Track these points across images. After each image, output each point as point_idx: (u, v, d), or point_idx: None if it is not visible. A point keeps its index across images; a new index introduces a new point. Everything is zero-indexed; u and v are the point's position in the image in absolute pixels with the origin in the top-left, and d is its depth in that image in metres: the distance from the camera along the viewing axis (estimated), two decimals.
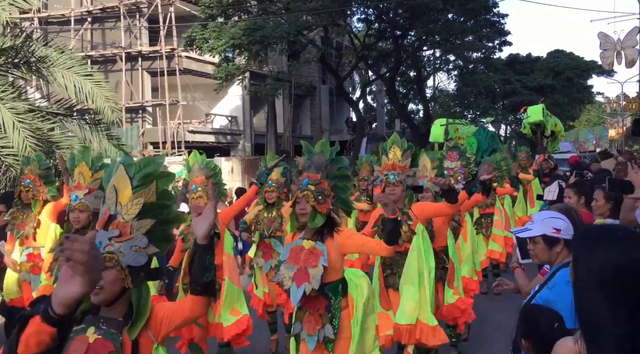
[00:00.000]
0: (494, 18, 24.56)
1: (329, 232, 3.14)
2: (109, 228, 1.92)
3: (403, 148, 4.20)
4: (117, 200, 1.95)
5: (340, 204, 3.24)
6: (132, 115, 21.22)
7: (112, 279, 1.86)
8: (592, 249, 1.52)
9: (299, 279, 3.06)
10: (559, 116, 35.80)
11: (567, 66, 35.80)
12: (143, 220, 1.93)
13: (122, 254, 1.88)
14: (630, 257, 1.47)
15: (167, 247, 2.00)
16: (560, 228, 2.45)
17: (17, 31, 8.36)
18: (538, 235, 2.49)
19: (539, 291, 2.43)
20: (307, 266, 3.05)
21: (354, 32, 23.90)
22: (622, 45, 20.12)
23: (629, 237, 1.54)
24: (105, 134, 8.63)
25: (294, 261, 3.10)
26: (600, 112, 50.00)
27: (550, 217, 2.51)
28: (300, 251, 3.10)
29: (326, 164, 3.19)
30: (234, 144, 23.79)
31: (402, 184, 4.08)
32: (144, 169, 1.98)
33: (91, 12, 21.31)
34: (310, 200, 3.05)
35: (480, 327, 6.23)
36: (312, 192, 3.06)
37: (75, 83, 7.99)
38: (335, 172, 3.23)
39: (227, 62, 19.35)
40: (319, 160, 3.20)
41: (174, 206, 2.01)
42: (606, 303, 1.43)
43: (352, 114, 28.25)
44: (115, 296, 1.88)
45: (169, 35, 20.49)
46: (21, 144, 6.82)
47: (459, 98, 33.21)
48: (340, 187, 3.22)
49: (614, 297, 1.43)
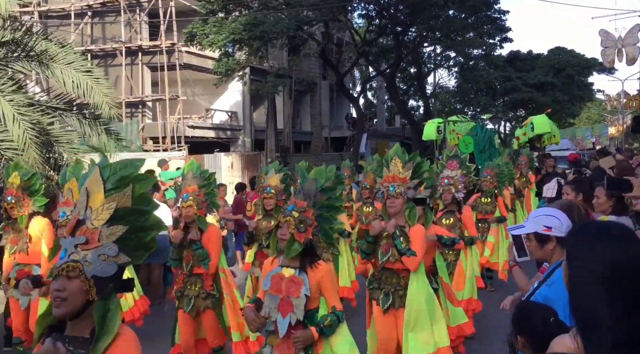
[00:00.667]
0: (495, 15, 24.51)
1: (308, 261, 3.09)
2: (76, 234, 1.77)
3: (404, 160, 4.15)
4: (88, 204, 1.80)
5: (322, 235, 3.16)
6: (132, 110, 21.20)
7: (75, 290, 1.70)
8: (589, 246, 1.51)
9: (284, 309, 3.02)
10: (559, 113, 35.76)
11: (568, 63, 35.76)
12: (114, 226, 1.77)
13: (88, 263, 1.72)
14: (627, 254, 1.47)
15: (143, 256, 1.83)
16: (551, 226, 2.46)
17: (17, 24, 8.34)
18: (530, 232, 2.52)
19: (537, 288, 2.44)
20: (289, 296, 3.02)
21: (355, 28, 23.84)
22: (623, 42, 20.07)
23: (625, 235, 1.54)
24: (104, 128, 8.62)
25: (276, 291, 3.06)
26: (600, 109, 49.93)
27: (543, 215, 2.53)
28: (281, 280, 3.06)
29: (315, 193, 3.13)
30: (233, 139, 23.78)
31: (402, 196, 4.03)
32: (119, 171, 1.84)
33: (91, 6, 21.25)
34: (291, 227, 3.01)
35: (478, 325, 6.24)
36: (294, 219, 3.02)
37: (74, 79, 7.97)
38: (324, 202, 3.16)
39: (227, 57, 19.32)
40: (309, 187, 3.15)
41: (153, 211, 1.85)
42: (604, 300, 1.43)
43: (352, 110, 28.22)
44: (78, 309, 1.72)
45: (169, 29, 20.45)
46: (21, 137, 6.80)
47: (459, 95, 33.22)
48: (325, 218, 3.14)
49: (611, 294, 1.43)
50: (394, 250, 3.97)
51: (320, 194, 3.14)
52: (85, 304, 1.72)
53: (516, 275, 3.02)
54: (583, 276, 1.49)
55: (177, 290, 4.42)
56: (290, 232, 3.01)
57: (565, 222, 2.47)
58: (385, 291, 4.04)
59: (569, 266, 1.57)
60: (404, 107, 27.84)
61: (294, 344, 2.94)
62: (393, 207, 4.03)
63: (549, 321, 2.03)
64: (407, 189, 4.04)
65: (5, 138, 6.74)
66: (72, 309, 1.71)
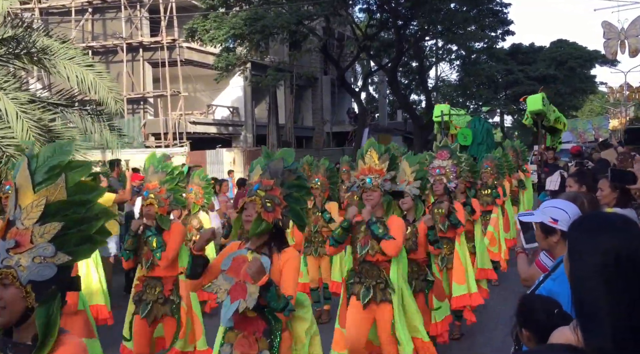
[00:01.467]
0: (497, 7, 24.43)
1: (277, 246, 2.85)
2: (7, 237, 1.58)
3: (380, 151, 3.98)
4: (17, 202, 1.60)
5: (293, 216, 2.91)
6: (134, 106, 21.20)
7: (11, 298, 1.54)
8: (592, 238, 1.50)
9: (235, 293, 2.73)
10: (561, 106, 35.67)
11: (570, 56, 35.64)
12: (48, 224, 1.57)
13: (22, 268, 1.54)
14: (631, 246, 1.46)
15: (90, 251, 1.66)
16: (557, 219, 2.45)
17: (18, 21, 8.33)
18: (536, 221, 2.52)
19: (542, 282, 2.44)
20: (246, 281, 2.71)
21: (356, 22, 23.77)
22: (626, 34, 20.00)
23: (630, 226, 1.53)
24: (107, 125, 8.62)
25: (234, 273, 2.78)
26: (603, 102, 49.78)
27: (551, 207, 2.52)
28: (243, 263, 2.78)
29: (282, 172, 2.89)
30: (235, 135, 23.78)
31: (379, 188, 3.87)
32: (47, 160, 1.62)
33: (92, 3, 21.22)
34: (257, 206, 2.77)
35: (480, 317, 6.25)
36: (260, 198, 2.78)
37: (77, 74, 7.96)
38: (293, 181, 2.92)
39: (228, 52, 19.30)
40: (276, 166, 2.92)
41: (97, 198, 1.66)
42: (605, 292, 1.43)
43: (354, 104, 28.19)
44: (19, 317, 1.57)
45: (170, 25, 20.42)
46: (25, 134, 6.80)
47: (461, 88, 33.08)
48: (295, 198, 2.91)
49: (612, 286, 1.42)
50: (373, 242, 3.82)
51: (288, 173, 2.91)
52: (26, 311, 1.56)
53: (519, 262, 3.01)
54: (584, 268, 1.49)
55: (135, 294, 4.13)
56: (257, 211, 2.76)
57: (575, 217, 2.46)
58: (367, 285, 3.87)
59: (571, 258, 1.56)
60: (406, 101, 27.78)
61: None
62: (370, 200, 3.88)
63: (553, 313, 2.03)
64: (384, 181, 3.89)
65: (6, 135, 6.74)
66: (12, 318, 1.56)
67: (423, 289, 4.43)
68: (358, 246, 3.90)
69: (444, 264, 5.42)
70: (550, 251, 2.54)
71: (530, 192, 10.40)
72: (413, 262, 4.38)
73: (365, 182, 3.89)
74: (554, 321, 1.95)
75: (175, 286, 4.08)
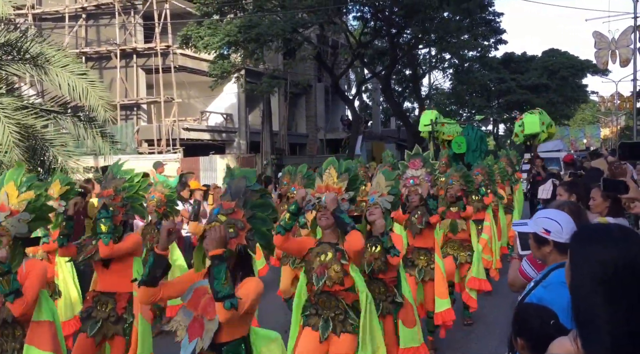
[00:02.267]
0: (490, 17, 24.63)
1: (240, 275, 2.56)
2: None
3: (340, 170, 3.72)
4: None
5: (259, 239, 2.66)
6: (127, 112, 21.14)
7: None
8: (590, 248, 1.51)
9: (193, 331, 2.51)
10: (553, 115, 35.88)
11: (562, 65, 35.96)
12: None
13: None
14: (629, 255, 1.46)
15: None
16: (550, 230, 2.45)
17: (12, 27, 8.30)
18: (530, 232, 2.53)
19: (533, 289, 2.44)
20: (204, 316, 2.49)
21: (350, 30, 23.88)
22: (617, 44, 20.23)
23: (627, 236, 1.54)
24: (99, 131, 8.59)
25: (193, 307, 2.55)
26: (594, 111, 50.19)
27: (544, 217, 2.52)
28: (203, 295, 2.53)
29: (245, 191, 2.66)
30: (229, 141, 23.75)
31: None
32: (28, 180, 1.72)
33: (86, 9, 21.20)
34: None
35: (474, 325, 6.25)
36: (221, 223, 2.53)
37: (70, 81, 7.94)
38: (257, 201, 2.68)
39: (222, 59, 19.31)
40: (237, 185, 2.69)
41: None
42: (605, 303, 1.43)
43: (348, 112, 28.24)
44: None
45: (164, 32, 20.42)
46: (4, 138, 6.73)
47: (454, 96, 33.27)
48: (260, 219, 2.66)
49: (613, 296, 1.43)
50: (330, 272, 3.50)
51: (251, 192, 2.68)
52: None
53: (511, 267, 3.01)
54: (583, 278, 1.49)
55: (84, 311, 3.82)
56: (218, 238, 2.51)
57: (567, 228, 2.45)
58: (325, 317, 3.54)
59: (571, 268, 1.57)
60: (399, 109, 27.88)
61: None
62: (325, 220, 3.56)
63: (547, 322, 2.03)
64: (342, 200, 3.59)
65: None
66: None
67: (391, 311, 4.17)
68: (314, 277, 3.55)
69: (422, 276, 5.20)
70: (544, 261, 2.54)
71: (521, 200, 10.47)
72: (380, 282, 4.17)
73: (320, 200, 3.60)
74: (548, 330, 1.95)
75: (129, 304, 3.79)
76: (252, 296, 2.50)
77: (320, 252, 3.59)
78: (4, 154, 6.63)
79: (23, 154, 6.86)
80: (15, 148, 6.62)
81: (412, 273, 5.19)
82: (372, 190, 4.33)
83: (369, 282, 3.95)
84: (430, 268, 5.21)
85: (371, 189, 4.39)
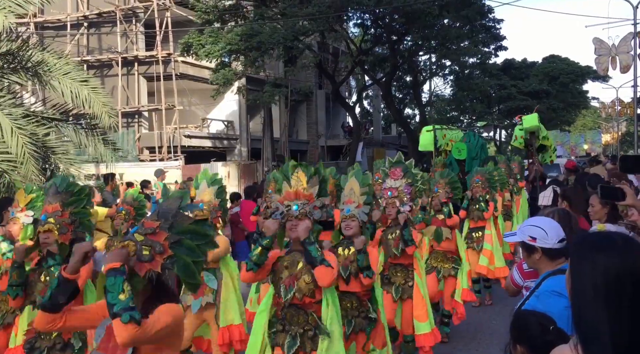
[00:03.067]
0: (490, 23, 24.71)
1: (151, 307, 2.14)
2: None
3: (309, 173, 3.41)
4: None
5: (179, 270, 2.23)
6: (128, 120, 21.20)
7: None
8: (592, 257, 1.51)
9: None
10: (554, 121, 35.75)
11: (563, 71, 36.06)
12: None
13: None
14: (632, 264, 1.47)
15: None
16: (535, 237, 2.47)
17: (13, 36, 8.35)
18: (518, 241, 2.55)
19: (527, 299, 2.45)
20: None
21: (351, 37, 23.97)
22: (617, 50, 20.26)
23: (629, 244, 1.54)
24: (101, 139, 8.62)
25: (103, 349, 2.19)
26: (595, 117, 50.23)
27: (529, 225, 2.54)
28: None
29: (175, 213, 2.29)
30: (230, 148, 23.79)
31: (307, 216, 3.27)
32: None
33: (87, 17, 21.31)
34: (131, 255, 2.17)
35: (475, 333, 6.24)
36: (135, 243, 2.17)
37: (72, 89, 7.98)
38: (188, 227, 2.28)
39: (223, 67, 19.38)
40: (168, 206, 2.32)
41: None
42: (608, 312, 1.43)
43: (349, 118, 28.30)
44: None
45: (165, 40, 20.51)
46: (19, 150, 6.78)
47: (455, 103, 33.33)
48: (187, 247, 2.25)
49: (615, 305, 1.43)
50: (300, 282, 3.22)
51: (182, 216, 2.30)
52: None
53: (510, 273, 3.05)
54: (585, 287, 1.49)
55: (27, 342, 3.46)
56: None
57: (552, 233, 2.46)
58: (292, 333, 3.25)
59: (572, 277, 1.57)
60: (400, 115, 27.93)
61: None
62: (296, 232, 3.25)
63: (547, 329, 2.03)
64: (314, 208, 3.30)
65: (2, 150, 6.73)
66: None
67: (364, 328, 3.83)
68: (282, 289, 3.26)
69: (399, 295, 4.83)
70: (537, 268, 2.55)
71: (525, 211, 10.02)
72: (353, 296, 3.82)
73: (291, 208, 3.30)
74: (549, 337, 1.96)
75: None
76: (164, 318, 2.11)
77: (290, 262, 3.31)
78: (19, 165, 6.64)
79: (35, 164, 6.84)
80: (31, 159, 6.61)
81: (389, 290, 4.83)
82: (346, 198, 3.92)
83: (341, 296, 3.60)
84: (408, 286, 4.82)
85: (344, 196, 3.97)
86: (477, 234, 7.28)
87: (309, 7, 18.17)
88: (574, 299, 1.53)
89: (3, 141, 6.71)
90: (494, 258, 7.20)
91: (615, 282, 1.45)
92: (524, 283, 2.88)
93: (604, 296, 1.44)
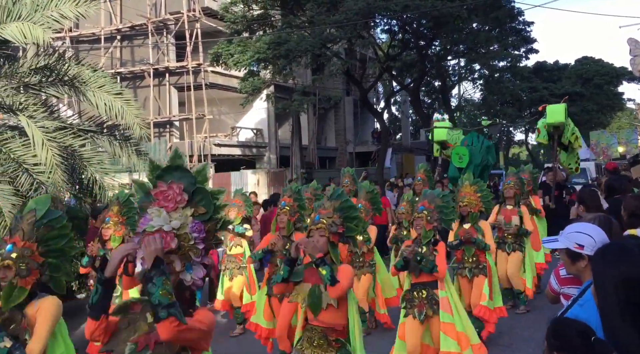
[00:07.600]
0: (520, 26, 24.33)
1: None
2: None
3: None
4: None
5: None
6: (160, 130, 21.63)
7: None
8: (612, 268, 1.48)
9: None
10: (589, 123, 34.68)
11: (596, 73, 35.22)
12: None
13: None
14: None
15: None
16: (583, 244, 2.40)
17: (50, 50, 8.62)
18: (561, 248, 2.48)
19: (570, 307, 2.39)
20: None
21: (378, 43, 23.94)
22: None
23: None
24: (134, 149, 8.80)
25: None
26: (632, 118, 48.80)
27: (575, 232, 2.47)
28: None
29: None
30: (259, 156, 24.00)
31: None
32: None
33: (120, 30, 21.88)
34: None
35: (510, 340, 6.12)
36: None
37: (106, 101, 8.19)
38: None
39: (252, 76, 19.60)
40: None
41: None
42: (630, 321, 1.40)
43: (377, 124, 28.21)
44: None
45: (195, 50, 20.89)
46: (48, 161, 6.97)
47: (485, 107, 32.89)
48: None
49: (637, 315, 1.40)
50: None
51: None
52: None
53: None
54: (609, 298, 1.46)
55: None
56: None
57: (600, 241, 2.40)
58: None
59: (597, 288, 1.54)
60: (429, 120, 27.69)
61: None
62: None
63: (588, 338, 1.98)
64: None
65: (37, 162, 6.94)
66: None
67: None
68: None
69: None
70: (579, 276, 2.49)
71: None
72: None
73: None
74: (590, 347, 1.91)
75: None
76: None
77: None
78: (47, 175, 6.86)
79: (63, 174, 7.08)
80: (57, 169, 6.82)
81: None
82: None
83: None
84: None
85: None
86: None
87: (336, 14, 18.25)
88: (601, 312, 1.50)
89: (35, 154, 6.92)
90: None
91: (635, 290, 1.41)
92: (560, 289, 2.82)
93: (626, 305, 1.41)
